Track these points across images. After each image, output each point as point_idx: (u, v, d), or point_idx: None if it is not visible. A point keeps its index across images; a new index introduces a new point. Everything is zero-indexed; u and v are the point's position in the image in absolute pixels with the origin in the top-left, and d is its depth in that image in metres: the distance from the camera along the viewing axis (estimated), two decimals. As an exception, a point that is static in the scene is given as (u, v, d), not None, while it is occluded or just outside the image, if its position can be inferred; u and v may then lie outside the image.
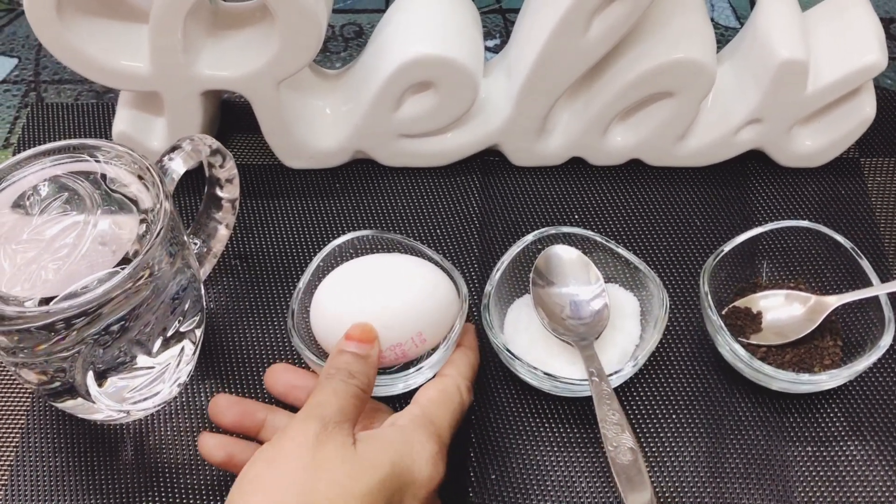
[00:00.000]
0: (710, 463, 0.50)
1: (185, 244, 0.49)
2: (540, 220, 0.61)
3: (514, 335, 0.52)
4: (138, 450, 0.51)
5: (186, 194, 0.61)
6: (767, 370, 0.49)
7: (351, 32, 0.73)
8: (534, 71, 0.57)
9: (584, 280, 0.53)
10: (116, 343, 0.46)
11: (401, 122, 0.60)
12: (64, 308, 0.43)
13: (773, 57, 0.56)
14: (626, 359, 0.51)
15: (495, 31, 0.73)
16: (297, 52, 0.55)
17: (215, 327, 0.56)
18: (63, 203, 0.48)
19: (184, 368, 0.52)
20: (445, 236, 0.60)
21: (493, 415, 0.52)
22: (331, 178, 0.63)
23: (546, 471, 0.50)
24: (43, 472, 0.51)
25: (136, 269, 0.44)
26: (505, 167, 0.63)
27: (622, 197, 0.62)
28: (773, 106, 0.58)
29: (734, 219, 0.60)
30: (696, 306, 0.56)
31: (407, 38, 0.57)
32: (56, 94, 0.69)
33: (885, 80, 0.69)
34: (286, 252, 0.59)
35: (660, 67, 0.56)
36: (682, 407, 0.52)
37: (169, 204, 0.47)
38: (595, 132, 0.61)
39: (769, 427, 0.51)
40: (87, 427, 0.52)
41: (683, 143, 0.61)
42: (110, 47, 0.55)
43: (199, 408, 0.53)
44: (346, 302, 0.50)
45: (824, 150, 0.61)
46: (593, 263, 0.54)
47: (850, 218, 0.60)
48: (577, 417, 0.52)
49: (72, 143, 0.48)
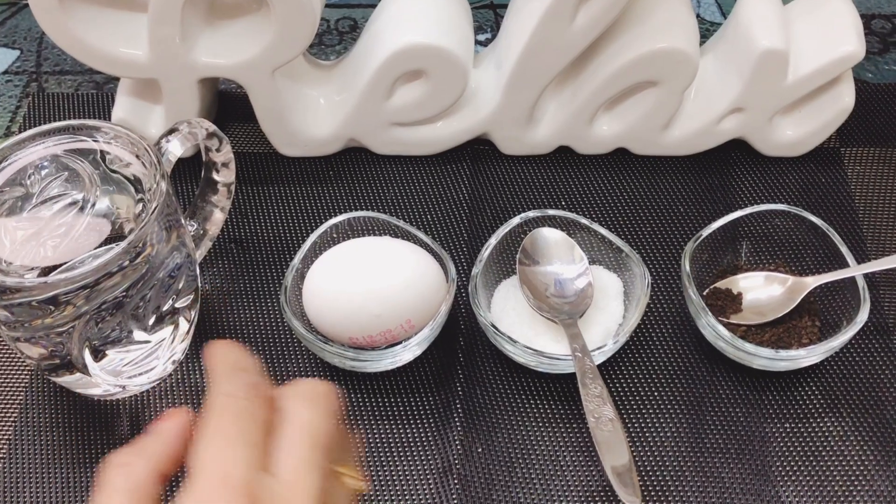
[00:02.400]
0: (691, 438, 0.51)
1: (181, 224, 0.50)
2: (528, 206, 0.62)
3: (500, 314, 0.54)
4: (134, 424, 0.53)
5: (185, 180, 0.63)
6: (748, 348, 0.50)
7: (345, 26, 0.75)
8: (522, 61, 0.58)
9: (569, 260, 0.54)
10: (113, 318, 0.47)
11: (393, 111, 0.61)
12: (62, 279, 0.44)
13: (754, 47, 0.58)
14: (609, 336, 0.53)
15: (486, 26, 0.75)
16: (292, 41, 0.57)
17: (210, 308, 0.57)
18: (63, 182, 0.50)
19: (178, 346, 0.53)
20: (435, 222, 0.61)
21: (480, 391, 0.53)
22: (324, 165, 0.65)
23: (531, 445, 0.51)
24: (41, 447, 0.52)
25: (131, 245, 0.45)
26: (494, 155, 0.65)
27: (608, 184, 0.63)
28: (755, 95, 0.60)
29: (717, 206, 0.62)
30: (679, 288, 0.57)
31: (399, 28, 0.59)
32: (57, 84, 0.70)
33: (867, 74, 0.70)
34: (280, 237, 0.61)
35: (644, 57, 0.57)
36: (664, 385, 0.53)
37: (165, 183, 0.48)
38: (582, 121, 0.62)
39: (749, 404, 0.53)
40: (85, 403, 0.53)
41: (668, 132, 0.63)
42: (110, 35, 0.57)
43: (193, 384, 0.54)
44: (338, 287, 0.51)
45: (805, 140, 0.63)
46: (578, 245, 0.55)
47: (830, 205, 0.62)
48: (562, 394, 0.53)
49: (72, 123, 0.50)
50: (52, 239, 0.49)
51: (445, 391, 0.53)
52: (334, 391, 0.36)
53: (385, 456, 0.51)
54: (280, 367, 0.55)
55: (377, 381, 0.54)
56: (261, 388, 0.34)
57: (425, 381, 0.54)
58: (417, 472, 0.50)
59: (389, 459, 0.51)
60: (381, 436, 0.52)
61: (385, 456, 0.51)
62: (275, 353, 0.55)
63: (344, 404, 0.43)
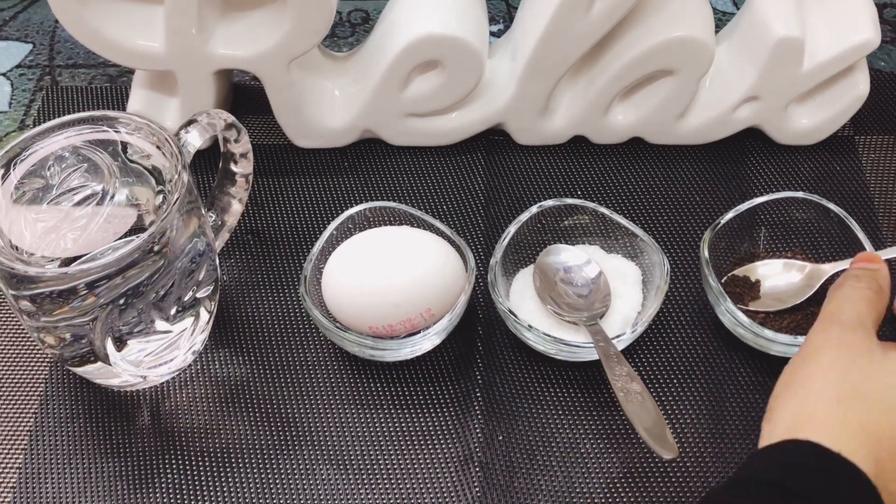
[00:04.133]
0: (711, 425, 0.51)
1: (202, 214, 0.51)
2: (543, 196, 0.62)
3: (519, 302, 0.54)
4: (154, 415, 0.53)
5: (202, 172, 0.63)
6: (767, 334, 0.51)
7: (358, 18, 0.75)
8: (537, 51, 0.58)
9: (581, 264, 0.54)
10: (135, 307, 0.48)
11: (408, 102, 0.61)
12: (82, 270, 0.44)
13: (769, 35, 0.58)
14: (628, 324, 0.53)
15: (499, 17, 0.75)
16: (308, 32, 0.57)
17: (228, 299, 0.57)
18: (83, 173, 0.50)
19: (198, 336, 0.53)
20: (451, 213, 0.61)
21: (500, 379, 0.53)
22: (339, 157, 0.65)
23: (551, 433, 0.51)
24: (61, 437, 0.52)
25: (153, 236, 0.46)
26: (509, 146, 0.65)
27: (623, 174, 0.63)
28: (770, 84, 0.60)
29: (732, 195, 0.62)
30: (697, 277, 0.58)
31: (414, 18, 0.59)
32: (70, 78, 0.70)
33: (879, 63, 0.70)
34: (296, 228, 0.61)
35: (660, 46, 0.57)
36: (683, 372, 0.54)
37: (186, 174, 0.48)
38: (597, 111, 0.62)
39: (768, 391, 0.52)
40: (104, 393, 0.53)
41: (683, 121, 0.63)
42: (127, 27, 0.57)
43: (212, 375, 0.54)
44: (358, 276, 0.51)
45: (820, 128, 0.63)
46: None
47: (846, 193, 0.62)
48: (581, 382, 0.53)
49: (93, 114, 0.50)
50: (73, 231, 0.49)
51: (465, 380, 0.53)
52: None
53: (406, 445, 0.51)
54: (299, 356, 0.55)
55: (397, 371, 0.54)
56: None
57: (445, 370, 0.54)
58: (439, 461, 0.50)
59: (410, 449, 0.51)
60: (401, 425, 0.52)
61: (406, 445, 0.51)
62: (294, 343, 0.55)
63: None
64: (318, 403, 0.53)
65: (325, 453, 0.51)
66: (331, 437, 0.51)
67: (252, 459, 0.51)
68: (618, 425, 0.51)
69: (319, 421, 0.52)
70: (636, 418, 0.46)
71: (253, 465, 0.51)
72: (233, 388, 0.54)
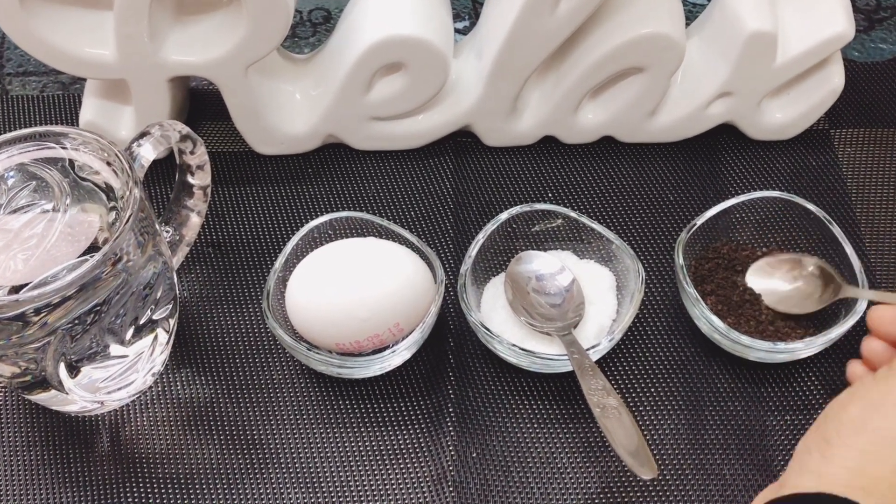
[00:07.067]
0: (691, 434, 0.50)
1: (157, 231, 0.49)
2: (514, 199, 0.60)
3: (490, 312, 0.52)
4: (114, 441, 0.51)
5: (157, 183, 0.61)
6: (745, 340, 0.49)
7: (319, 17, 0.73)
8: (504, 50, 0.57)
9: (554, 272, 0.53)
10: (88, 333, 0.45)
11: (372, 105, 0.59)
12: (34, 297, 0.42)
13: (741, 29, 0.56)
14: (603, 333, 0.51)
15: (464, 13, 0.73)
16: (265, 36, 0.55)
17: (189, 316, 0.55)
18: (31, 192, 0.47)
19: (158, 357, 0.51)
20: (420, 218, 0.60)
21: (472, 393, 0.52)
22: (302, 163, 0.63)
23: (527, 447, 0.50)
24: (17, 467, 0.50)
25: (106, 257, 0.44)
26: (477, 148, 0.63)
27: (595, 174, 0.62)
28: (743, 78, 0.58)
29: (707, 193, 0.60)
30: (672, 280, 0.56)
31: (376, 19, 0.57)
32: (21, 86, 0.68)
33: (853, 53, 0.69)
34: (259, 239, 0.59)
35: (629, 43, 0.56)
36: (660, 380, 0.52)
37: (139, 190, 0.46)
38: (566, 110, 0.60)
39: (747, 397, 0.51)
40: (61, 419, 0.51)
41: (655, 119, 0.61)
42: (75, 35, 0.55)
43: (174, 397, 0.52)
44: (324, 291, 0.49)
45: (794, 123, 0.62)
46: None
47: (822, 188, 0.61)
48: (556, 394, 0.51)
49: (38, 130, 0.47)
50: (23, 252, 0.47)
51: (437, 395, 0.52)
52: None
53: (377, 465, 0.49)
54: (265, 374, 0.53)
55: (366, 387, 0.52)
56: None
57: (415, 386, 0.52)
58: (411, 481, 0.49)
59: (382, 468, 0.49)
60: (372, 444, 0.50)
61: (377, 465, 0.49)
62: (259, 360, 0.53)
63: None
64: (285, 423, 0.51)
65: (293, 475, 0.49)
66: (299, 458, 0.50)
67: (218, 484, 0.49)
68: (594, 437, 0.50)
69: (287, 442, 0.50)
70: (614, 437, 0.44)
71: (219, 490, 0.49)
72: (196, 410, 0.52)
